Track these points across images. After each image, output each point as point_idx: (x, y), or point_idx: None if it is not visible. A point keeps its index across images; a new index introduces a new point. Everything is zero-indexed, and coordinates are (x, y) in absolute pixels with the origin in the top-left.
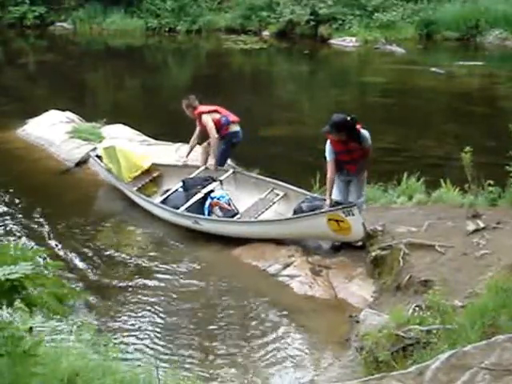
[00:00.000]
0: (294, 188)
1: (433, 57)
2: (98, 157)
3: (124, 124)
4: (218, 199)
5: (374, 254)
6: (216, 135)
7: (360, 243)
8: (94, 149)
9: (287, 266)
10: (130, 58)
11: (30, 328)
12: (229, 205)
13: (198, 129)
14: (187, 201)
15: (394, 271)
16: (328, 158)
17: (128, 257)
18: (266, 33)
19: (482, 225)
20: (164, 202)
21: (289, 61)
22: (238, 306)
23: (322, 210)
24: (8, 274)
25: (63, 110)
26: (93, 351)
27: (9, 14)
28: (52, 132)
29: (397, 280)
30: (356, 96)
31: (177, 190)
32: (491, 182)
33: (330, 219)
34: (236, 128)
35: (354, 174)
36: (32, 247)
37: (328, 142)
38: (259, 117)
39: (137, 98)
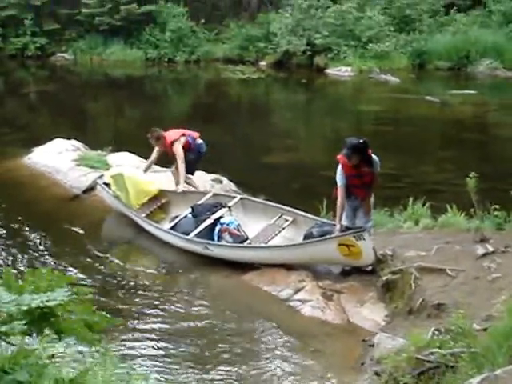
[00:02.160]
0: (303, 213)
1: (426, 86)
2: (106, 184)
3: (129, 152)
4: (228, 225)
5: (384, 278)
6: (184, 164)
7: (370, 267)
8: (101, 176)
9: (298, 290)
10: (130, 87)
11: (52, 355)
12: (238, 230)
13: (158, 151)
14: (197, 227)
15: (406, 295)
16: (339, 183)
17: (137, 283)
18: (263, 63)
19: (491, 249)
20: (173, 228)
21: (286, 90)
22: (250, 331)
23: (333, 235)
24: (46, 301)
25: (68, 139)
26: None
27: (10, 45)
28: (58, 160)
29: (409, 304)
30: (353, 124)
31: (186, 216)
32: (497, 207)
33: (340, 244)
34: (200, 141)
35: (362, 198)
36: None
37: (340, 166)
38: (259, 144)
39: (138, 127)
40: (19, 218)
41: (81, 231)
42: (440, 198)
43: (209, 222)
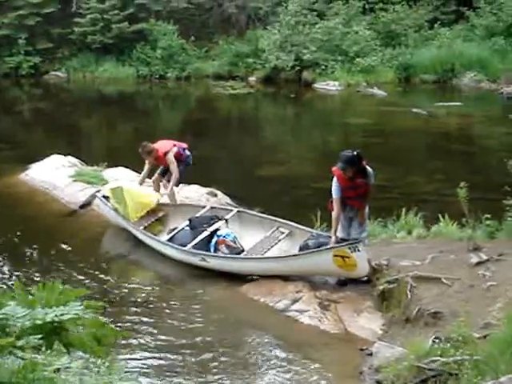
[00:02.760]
0: (299, 226)
1: (412, 99)
2: (105, 197)
3: (124, 167)
4: (224, 237)
5: (381, 287)
6: (178, 171)
7: (366, 277)
8: (99, 191)
9: (295, 301)
10: (123, 104)
11: (58, 369)
12: (234, 243)
13: (150, 163)
14: (193, 239)
15: (402, 304)
16: (334, 196)
17: (135, 297)
18: (252, 78)
19: (485, 257)
20: (171, 240)
21: (275, 104)
22: (248, 342)
23: (328, 247)
24: (60, 316)
25: (65, 155)
26: None
27: (4, 64)
28: (55, 176)
29: (405, 313)
30: (342, 137)
31: (183, 228)
32: (488, 216)
33: (335, 255)
34: (188, 152)
35: (357, 209)
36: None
37: (335, 179)
38: (251, 158)
39: (132, 142)
40: (18, 234)
41: (79, 246)
42: (430, 208)
43: (205, 234)
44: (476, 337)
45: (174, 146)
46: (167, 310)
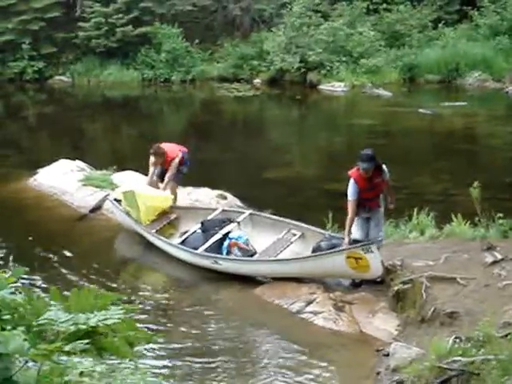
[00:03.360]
0: (311, 227)
1: (418, 99)
2: (116, 200)
3: (133, 170)
4: (237, 240)
5: (395, 288)
6: (173, 179)
7: (379, 278)
8: (108, 194)
9: (310, 303)
10: (128, 107)
11: (81, 372)
12: (247, 245)
13: (157, 168)
14: (205, 242)
15: (417, 304)
16: (350, 198)
17: (148, 300)
18: (257, 80)
19: (499, 256)
20: (183, 243)
21: (281, 106)
22: (264, 344)
23: (341, 248)
24: (104, 320)
25: (73, 159)
26: None
27: (8, 69)
28: (64, 180)
29: (421, 313)
30: (348, 138)
31: (195, 231)
32: (501, 215)
33: (348, 257)
34: (187, 156)
35: (374, 209)
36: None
37: (352, 181)
38: (259, 160)
39: (138, 146)
40: (29, 239)
41: (90, 250)
42: (440, 207)
43: (217, 236)
44: (496, 336)
45: (180, 151)
46: (181, 314)
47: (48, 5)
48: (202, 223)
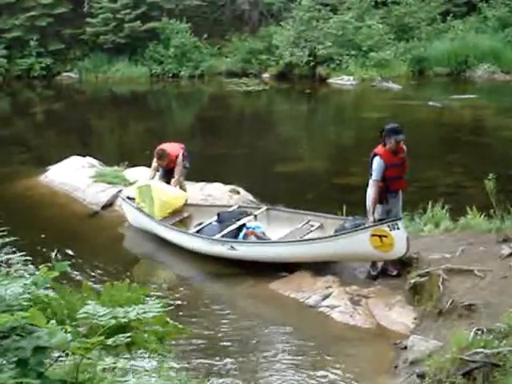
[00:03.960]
0: (331, 216)
1: (427, 92)
2: (129, 198)
3: (145, 166)
4: (254, 229)
5: (412, 281)
6: (181, 176)
7: (395, 272)
8: (120, 191)
9: (326, 297)
10: (137, 103)
11: (104, 369)
12: (264, 235)
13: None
14: (221, 232)
15: (435, 297)
16: (375, 177)
17: (161, 297)
18: (266, 75)
19: None
20: (198, 233)
21: (291, 100)
22: (281, 338)
23: (367, 225)
24: (143, 313)
25: (83, 156)
26: None
27: (16, 66)
28: (75, 177)
29: (438, 306)
30: (358, 132)
31: (210, 223)
32: None
33: (373, 235)
34: (186, 150)
35: (398, 191)
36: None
37: (377, 159)
38: (270, 154)
39: (147, 142)
40: (41, 236)
41: (102, 246)
42: (453, 200)
43: (234, 226)
44: None
45: (180, 148)
46: (193, 311)
47: (56, 1)
48: (219, 215)
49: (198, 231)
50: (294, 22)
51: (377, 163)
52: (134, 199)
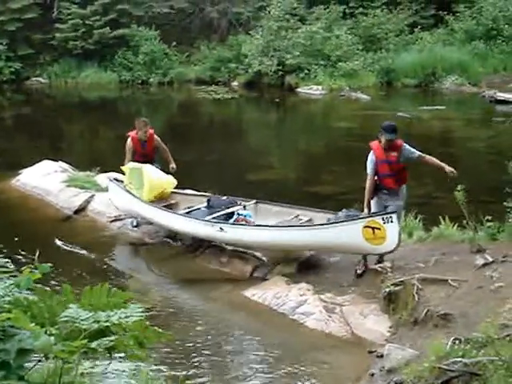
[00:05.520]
0: (321, 210)
1: (395, 102)
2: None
3: (117, 172)
4: (245, 216)
5: (387, 289)
6: None
7: (360, 271)
8: (93, 196)
9: (300, 304)
10: (106, 109)
11: (81, 373)
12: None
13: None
14: (211, 215)
15: (410, 306)
16: (367, 171)
17: (136, 301)
18: (235, 83)
19: (490, 259)
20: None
21: (260, 109)
22: (255, 345)
23: (361, 216)
24: (125, 318)
25: (55, 160)
26: None
27: None
28: (48, 181)
29: (413, 315)
30: (328, 141)
31: (199, 208)
32: (489, 218)
33: (366, 226)
34: None
35: (392, 188)
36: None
37: (371, 153)
38: (239, 162)
39: (117, 148)
40: (14, 239)
41: (76, 251)
42: (425, 210)
43: (224, 212)
44: (495, 338)
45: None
46: (169, 316)
47: (25, 6)
48: (209, 200)
49: (186, 213)
50: (262, 31)
51: (369, 157)
52: (122, 181)
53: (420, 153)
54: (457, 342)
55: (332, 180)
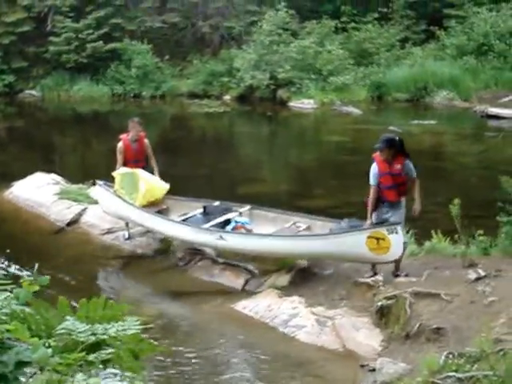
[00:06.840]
0: (320, 218)
1: (387, 117)
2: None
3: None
4: (243, 224)
5: (379, 303)
6: None
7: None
8: (85, 208)
9: (292, 317)
10: (98, 123)
11: None
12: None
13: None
14: (208, 223)
15: (402, 320)
16: (372, 183)
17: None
18: (227, 97)
19: (483, 273)
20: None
21: (252, 123)
22: (247, 359)
23: (365, 227)
24: (123, 331)
25: (48, 173)
26: None
27: None
28: (40, 194)
29: (405, 329)
30: (319, 155)
31: (195, 215)
32: (481, 232)
33: (370, 237)
34: None
35: (393, 201)
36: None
37: (374, 164)
38: (230, 176)
39: (108, 161)
40: (7, 251)
41: (67, 263)
42: (417, 225)
43: (221, 219)
44: (488, 352)
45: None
46: (161, 329)
47: (20, 19)
48: (205, 207)
49: (183, 221)
50: (254, 45)
51: (371, 169)
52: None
53: (415, 176)
54: (450, 356)
55: (324, 193)
